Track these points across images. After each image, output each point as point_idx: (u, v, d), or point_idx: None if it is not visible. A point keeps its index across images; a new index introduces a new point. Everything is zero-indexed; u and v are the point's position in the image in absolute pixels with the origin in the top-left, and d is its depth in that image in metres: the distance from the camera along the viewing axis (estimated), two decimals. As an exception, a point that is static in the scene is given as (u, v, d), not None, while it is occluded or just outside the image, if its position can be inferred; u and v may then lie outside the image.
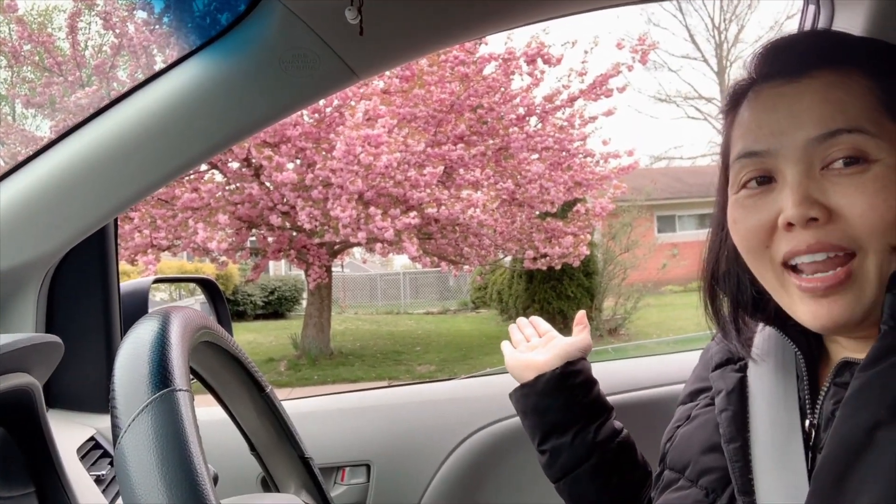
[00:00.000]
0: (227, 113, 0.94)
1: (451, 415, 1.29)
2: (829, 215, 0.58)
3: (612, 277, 10.62)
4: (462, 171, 7.17)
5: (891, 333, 0.56)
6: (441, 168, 6.78)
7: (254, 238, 7.86)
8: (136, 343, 0.49)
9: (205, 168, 7.14)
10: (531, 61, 7.23)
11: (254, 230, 7.59)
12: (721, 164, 0.72)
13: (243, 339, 10.39)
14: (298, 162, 6.93)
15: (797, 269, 0.61)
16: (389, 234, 6.59)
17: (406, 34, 0.89)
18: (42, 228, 0.97)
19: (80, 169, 0.94)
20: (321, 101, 6.31)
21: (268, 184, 6.97)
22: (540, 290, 10.61)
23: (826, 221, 0.58)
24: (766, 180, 0.63)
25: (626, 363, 1.46)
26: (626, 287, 10.60)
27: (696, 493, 0.70)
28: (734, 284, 0.73)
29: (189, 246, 6.90)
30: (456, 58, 6.85)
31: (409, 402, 1.34)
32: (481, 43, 7.12)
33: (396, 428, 1.29)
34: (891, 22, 0.88)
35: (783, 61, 0.65)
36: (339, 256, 8.97)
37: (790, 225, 0.60)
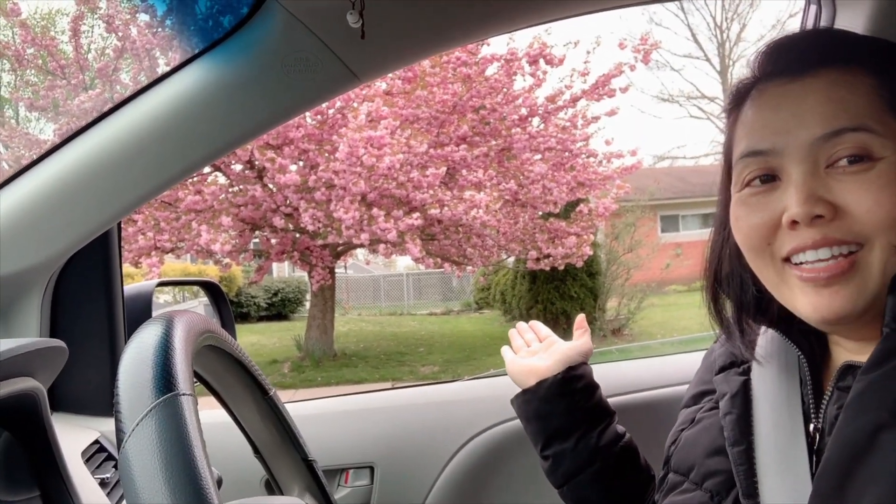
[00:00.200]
0: (229, 116, 0.95)
1: (455, 416, 1.29)
2: (835, 212, 0.58)
3: (616, 277, 10.60)
4: (465, 171, 7.16)
5: (892, 336, 0.56)
6: (444, 169, 6.78)
7: (257, 240, 7.87)
8: (140, 348, 0.49)
9: (208, 170, 7.15)
10: (533, 62, 7.22)
11: (257, 232, 7.60)
12: (724, 162, 0.72)
13: (247, 341, 10.41)
14: (301, 164, 6.93)
15: (799, 265, 0.61)
16: (392, 236, 6.58)
17: (407, 37, 0.89)
18: (45, 233, 0.97)
19: (83, 173, 0.95)
20: (324, 104, 6.32)
21: (271, 186, 6.98)
22: (543, 290, 10.59)
23: (832, 218, 0.58)
24: (769, 178, 0.63)
25: (628, 364, 1.46)
26: (629, 287, 10.59)
27: (700, 495, 0.70)
28: (737, 285, 0.73)
29: (192, 248, 6.92)
30: (458, 59, 6.84)
31: (412, 403, 1.34)
32: (483, 44, 7.11)
33: (400, 430, 1.29)
34: (892, 21, 0.88)
35: (787, 60, 0.65)
36: (342, 258, 8.98)
37: (794, 223, 0.59)
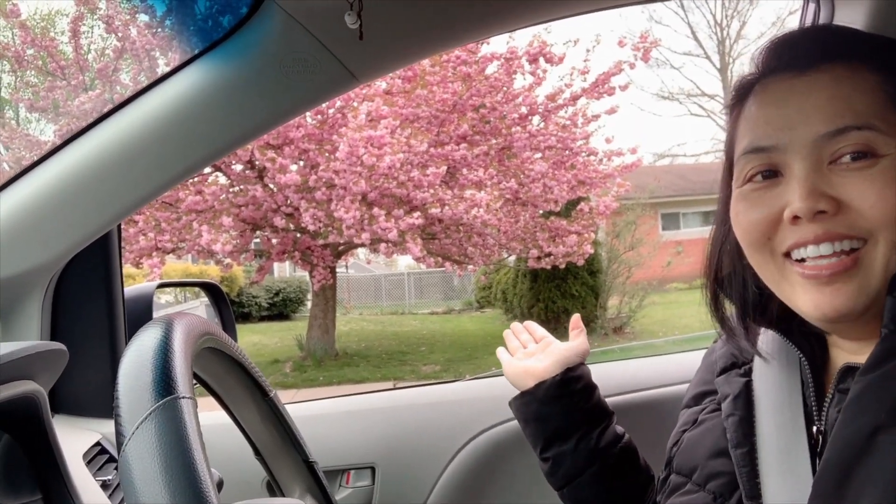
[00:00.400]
0: (228, 117, 0.95)
1: (457, 416, 1.29)
2: (838, 207, 0.58)
3: (617, 276, 10.59)
4: (465, 170, 7.16)
5: (891, 337, 0.56)
6: (444, 168, 6.77)
7: (258, 240, 7.87)
8: (140, 351, 0.49)
9: (208, 171, 7.15)
10: (533, 60, 7.21)
11: (258, 232, 7.60)
12: (725, 159, 0.72)
13: (248, 341, 10.41)
14: (302, 163, 6.93)
15: (800, 261, 0.61)
16: (393, 235, 6.58)
17: (406, 37, 0.89)
18: (46, 235, 0.97)
19: (83, 175, 0.95)
20: (323, 104, 6.32)
21: (271, 186, 6.98)
22: (544, 289, 10.59)
23: (835, 213, 0.58)
24: (771, 174, 0.63)
25: (628, 363, 1.46)
26: (630, 285, 10.58)
27: (703, 497, 0.70)
28: (738, 284, 0.73)
29: (193, 248, 6.92)
30: (458, 58, 6.83)
31: (413, 403, 1.34)
32: (483, 43, 7.10)
33: (401, 430, 1.29)
34: (891, 19, 0.88)
35: (791, 56, 0.64)
36: (343, 257, 8.98)
37: (796, 218, 0.59)
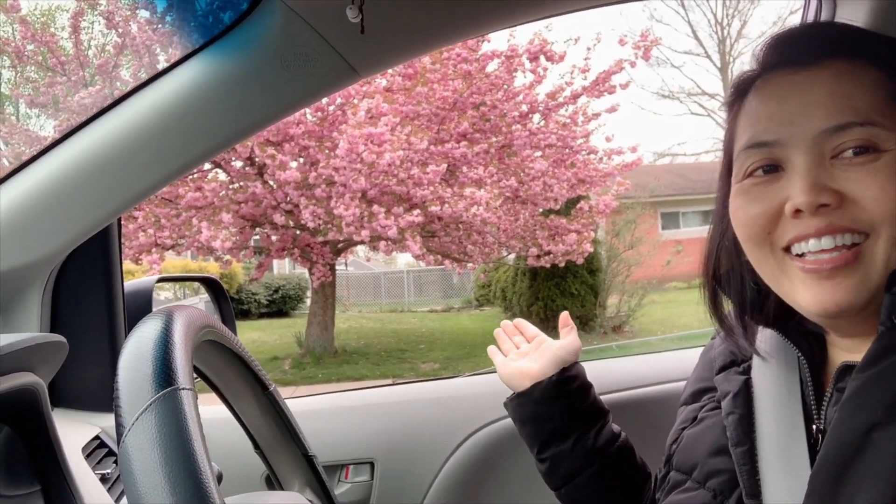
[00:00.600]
0: (229, 112, 0.94)
1: (455, 412, 1.29)
2: (841, 200, 0.58)
3: (616, 274, 10.60)
4: (465, 168, 7.16)
5: (888, 334, 0.56)
6: (444, 166, 6.77)
7: (257, 237, 7.87)
8: (140, 342, 0.49)
9: (208, 167, 7.15)
10: (534, 58, 7.21)
11: (257, 229, 7.60)
12: (724, 154, 0.71)
13: (247, 338, 10.41)
14: (301, 160, 6.93)
15: (800, 256, 0.61)
16: (393, 233, 6.58)
17: (407, 32, 0.89)
18: (46, 228, 0.97)
19: (83, 169, 0.95)
20: (324, 100, 6.32)
21: (271, 182, 6.98)
22: (544, 287, 10.59)
23: (837, 206, 0.58)
24: (772, 169, 0.63)
25: (625, 361, 1.46)
26: (630, 284, 10.58)
27: (703, 494, 0.70)
28: (738, 282, 0.73)
29: (193, 245, 6.91)
30: (458, 55, 6.83)
31: (413, 399, 1.34)
32: (484, 40, 7.11)
33: (400, 425, 1.29)
34: (892, 19, 0.88)
35: (793, 51, 0.64)
36: (342, 255, 8.97)
37: (798, 212, 0.59)
